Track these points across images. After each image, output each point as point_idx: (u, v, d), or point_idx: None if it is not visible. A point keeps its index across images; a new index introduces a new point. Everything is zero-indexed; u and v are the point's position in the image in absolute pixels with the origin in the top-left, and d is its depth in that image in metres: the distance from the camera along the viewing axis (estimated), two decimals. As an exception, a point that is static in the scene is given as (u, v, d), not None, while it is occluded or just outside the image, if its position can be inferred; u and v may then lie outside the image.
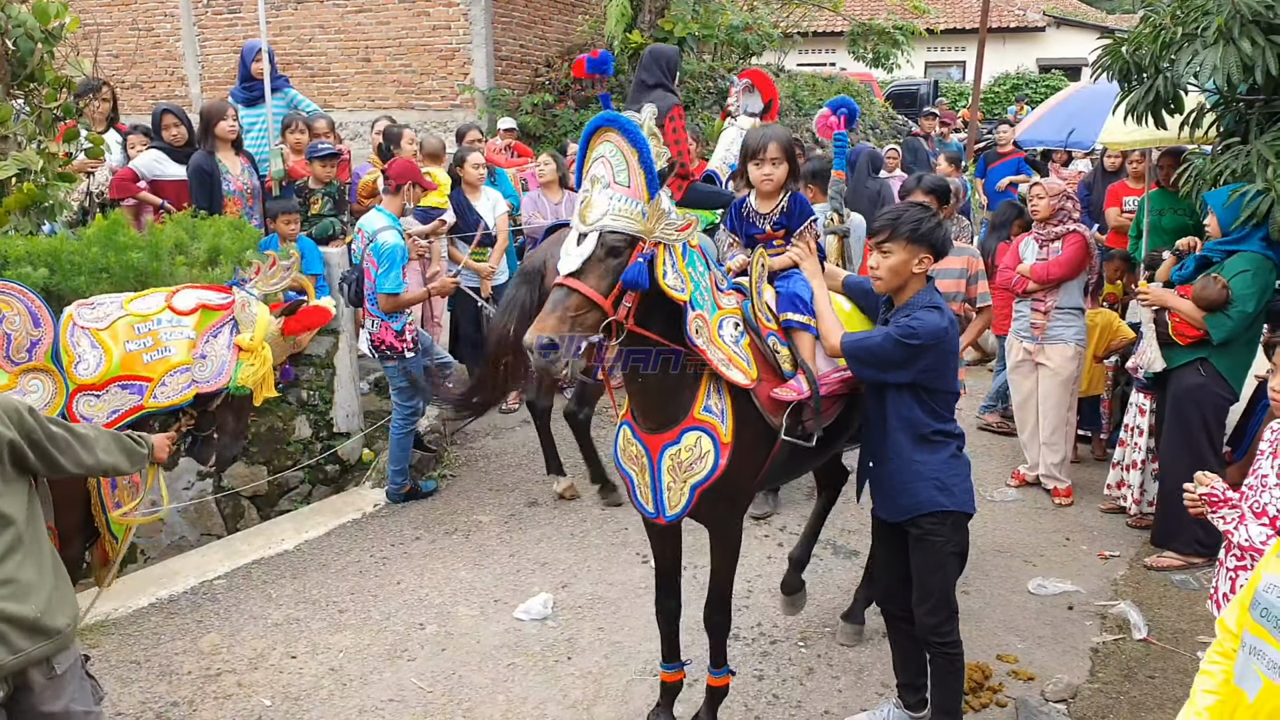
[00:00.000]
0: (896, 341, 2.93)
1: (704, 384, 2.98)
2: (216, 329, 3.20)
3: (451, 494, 5.68)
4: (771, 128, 3.40)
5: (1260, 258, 4.42)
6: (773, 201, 3.36)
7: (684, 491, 3.01)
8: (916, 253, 2.97)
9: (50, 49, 4.76)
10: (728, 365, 2.93)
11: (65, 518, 2.93)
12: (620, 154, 2.66)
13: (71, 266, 4.27)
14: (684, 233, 2.78)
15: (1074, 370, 5.45)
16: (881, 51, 14.35)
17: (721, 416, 2.98)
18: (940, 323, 2.93)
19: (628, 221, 2.64)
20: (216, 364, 3.18)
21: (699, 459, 2.97)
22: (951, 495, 3.05)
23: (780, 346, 3.13)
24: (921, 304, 2.99)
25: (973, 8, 23.50)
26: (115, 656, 3.92)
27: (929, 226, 2.97)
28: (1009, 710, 3.58)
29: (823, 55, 22.88)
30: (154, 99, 11.71)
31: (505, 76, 11.34)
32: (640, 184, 2.65)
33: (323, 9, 11.62)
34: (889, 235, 2.98)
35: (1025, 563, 4.81)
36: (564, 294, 2.62)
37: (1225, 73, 4.19)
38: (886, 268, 3.01)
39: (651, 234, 2.69)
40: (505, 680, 3.79)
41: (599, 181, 2.68)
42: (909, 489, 3.07)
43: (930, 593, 3.10)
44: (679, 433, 2.98)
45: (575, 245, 2.66)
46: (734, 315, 3.06)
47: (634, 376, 2.95)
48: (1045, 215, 5.35)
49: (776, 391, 3.06)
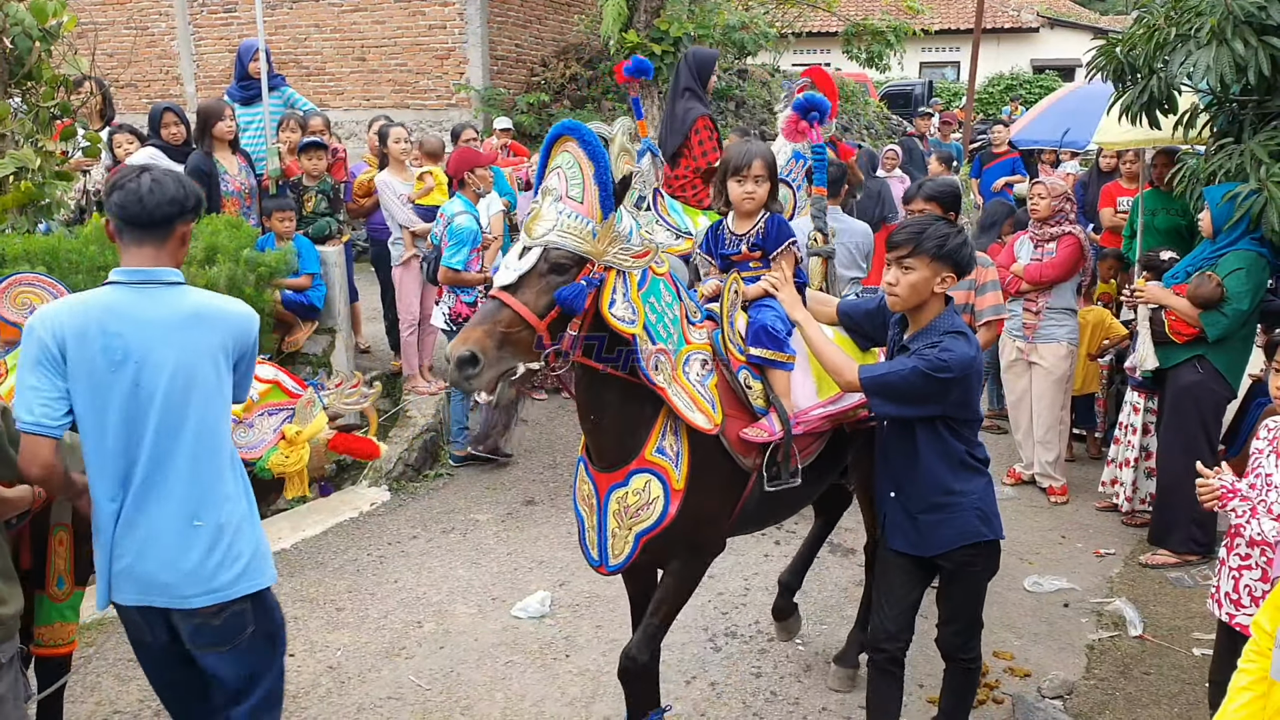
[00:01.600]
0: (926, 375, 2.68)
1: (660, 422, 2.76)
2: (276, 408, 3.22)
3: (449, 493, 5.69)
4: (755, 143, 3.16)
5: (1253, 255, 4.46)
6: (750, 222, 3.12)
7: (628, 540, 2.79)
8: (940, 271, 2.73)
9: (48, 47, 4.76)
10: (691, 408, 2.71)
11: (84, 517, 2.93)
12: (576, 166, 2.50)
13: (69, 265, 4.29)
14: (640, 260, 2.58)
15: (1066, 369, 5.48)
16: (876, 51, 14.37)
17: (675, 459, 2.76)
18: (970, 351, 2.71)
19: (575, 240, 2.46)
20: (257, 438, 3.19)
21: (646, 505, 2.75)
22: (990, 524, 2.86)
23: (752, 381, 2.91)
24: (945, 329, 2.76)
25: (967, 8, 23.58)
26: (114, 654, 3.91)
27: (955, 244, 2.74)
28: (1006, 707, 3.60)
29: (817, 56, 22.93)
30: (149, 98, 11.70)
31: (501, 76, 11.35)
32: (593, 201, 2.48)
33: (318, 8, 11.62)
34: (911, 250, 2.72)
35: (1021, 560, 4.84)
36: (495, 307, 2.45)
37: (1218, 73, 4.22)
38: (907, 284, 2.75)
39: (601, 256, 2.50)
40: (503, 678, 3.80)
41: (550, 194, 2.52)
42: (949, 521, 2.83)
43: (961, 616, 2.96)
44: (627, 474, 2.77)
45: (516, 258, 2.49)
46: (703, 351, 2.83)
47: (588, 410, 2.78)
48: (1045, 215, 5.37)
49: (746, 432, 2.85)
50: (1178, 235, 5.89)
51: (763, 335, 2.93)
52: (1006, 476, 5.87)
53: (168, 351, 2.33)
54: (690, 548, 2.90)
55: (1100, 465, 5.71)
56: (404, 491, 5.67)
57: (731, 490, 2.92)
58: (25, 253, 4.33)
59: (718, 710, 3.58)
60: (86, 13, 11.69)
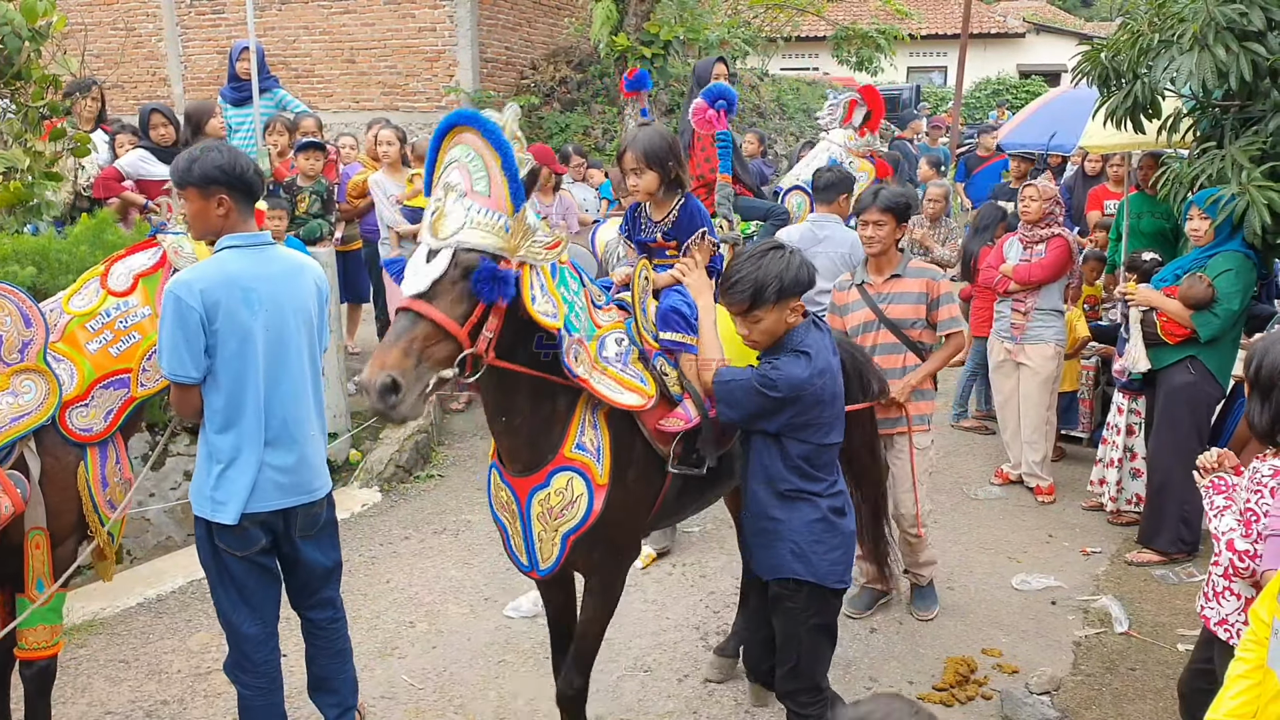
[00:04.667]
0: (755, 390, 2.61)
1: (577, 416, 2.66)
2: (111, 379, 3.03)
3: (440, 493, 5.69)
4: (640, 132, 3.04)
5: (1241, 256, 4.54)
6: (665, 209, 3.02)
7: (555, 542, 2.69)
8: (786, 305, 2.65)
9: (37, 47, 4.75)
10: (619, 391, 2.62)
11: (59, 520, 2.93)
12: (479, 159, 2.32)
13: (59, 265, 4.27)
14: (552, 251, 2.45)
15: (1053, 370, 5.54)
16: (864, 55, 14.47)
17: (597, 454, 2.66)
18: (799, 374, 2.59)
19: (488, 236, 2.30)
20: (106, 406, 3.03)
21: (570, 504, 2.65)
22: (808, 564, 2.69)
23: (669, 368, 2.80)
24: (790, 346, 2.67)
25: (954, 14, 23.75)
26: (104, 656, 3.91)
27: (791, 276, 2.62)
28: (994, 703, 3.64)
29: (806, 60, 23.06)
30: (136, 99, 11.64)
31: (491, 79, 11.36)
32: (503, 194, 2.31)
33: (307, 10, 11.61)
34: (749, 305, 2.63)
35: (1009, 559, 4.89)
36: (410, 321, 2.27)
37: (1200, 78, 4.28)
38: (761, 331, 2.67)
39: (516, 252, 2.35)
40: (496, 677, 3.81)
41: (454, 190, 2.31)
42: (765, 547, 2.76)
43: (788, 658, 2.82)
44: (547, 474, 2.65)
45: (424, 263, 2.30)
46: (616, 330, 2.74)
47: (497, 413, 2.63)
48: (1035, 217, 5.43)
49: (663, 422, 2.75)
50: (1162, 238, 5.96)
51: (671, 317, 2.81)
52: (995, 477, 5.92)
53: (284, 298, 2.83)
54: (612, 549, 2.81)
55: (1087, 465, 5.77)
56: (395, 492, 5.68)
57: (652, 481, 2.84)
58: (15, 253, 4.31)
59: (710, 708, 3.60)
60: (73, 13, 11.62)
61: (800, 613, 2.75)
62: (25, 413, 2.82)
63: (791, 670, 2.81)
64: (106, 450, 2.99)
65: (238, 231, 2.83)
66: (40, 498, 2.85)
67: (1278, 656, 1.85)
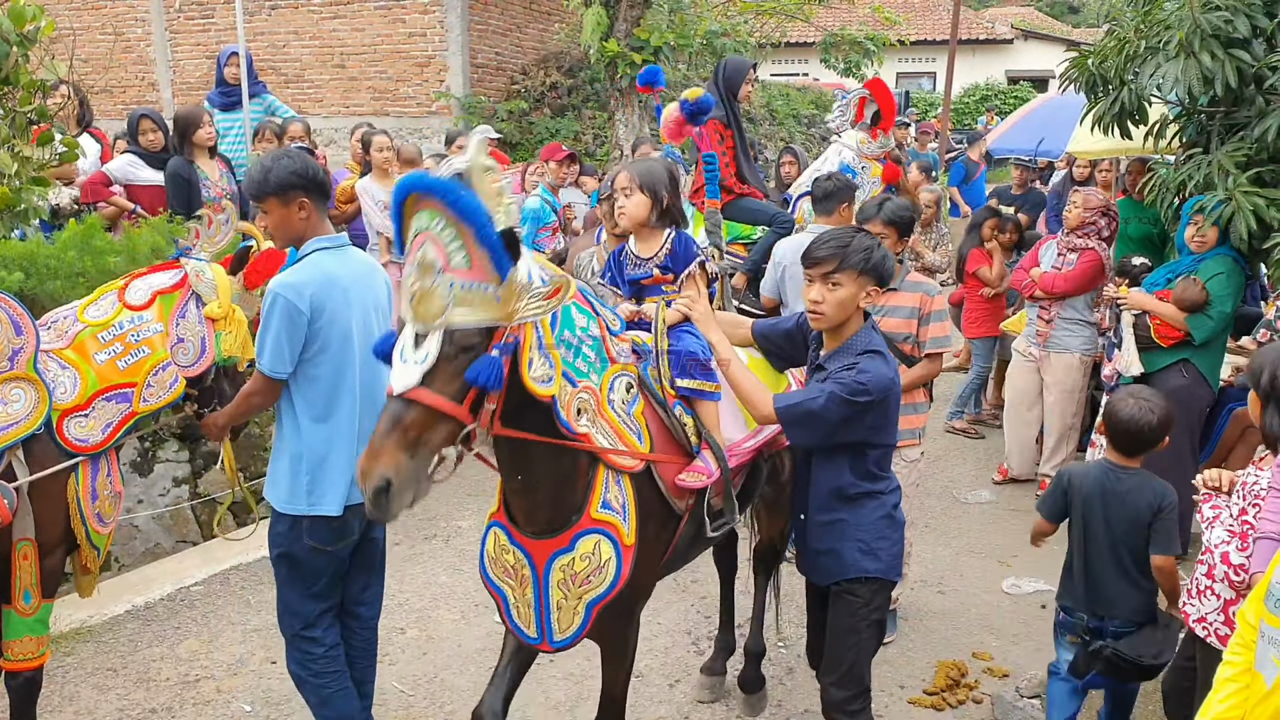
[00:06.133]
0: (844, 400, 2.52)
1: (601, 471, 2.45)
2: (182, 310, 3.11)
3: (430, 499, 5.61)
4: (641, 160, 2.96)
5: (1230, 260, 4.59)
6: (654, 243, 2.88)
7: (578, 611, 2.47)
8: (865, 285, 2.60)
9: (25, 52, 4.72)
10: (616, 444, 2.46)
11: (47, 531, 2.90)
12: (450, 228, 2.05)
13: (48, 270, 4.25)
14: (553, 300, 2.20)
15: (1076, 380, 5.49)
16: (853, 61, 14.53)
17: (624, 512, 2.47)
18: (887, 372, 2.58)
19: (479, 313, 2.08)
20: (195, 344, 3.12)
21: (597, 570, 2.43)
22: (876, 559, 2.71)
23: (685, 416, 2.67)
24: (862, 348, 2.61)
25: (943, 20, 23.87)
26: (92, 664, 3.88)
27: (879, 256, 2.62)
28: (985, 706, 3.65)
29: (795, 65, 23.13)
30: (125, 104, 11.60)
31: (481, 84, 11.36)
32: (485, 264, 2.06)
33: (297, 15, 11.58)
34: (837, 265, 2.57)
35: (1000, 563, 4.90)
36: (402, 407, 2.06)
37: (1186, 85, 4.33)
38: (834, 302, 2.59)
39: (512, 317, 2.13)
40: (487, 683, 3.79)
41: (430, 268, 2.06)
42: (833, 552, 2.74)
43: (840, 662, 2.77)
44: (572, 537, 2.43)
45: (413, 348, 2.08)
46: (628, 373, 2.58)
47: (512, 470, 2.42)
48: (1074, 224, 5.41)
49: (683, 478, 2.62)
50: (1149, 243, 6.01)
51: (689, 364, 2.69)
52: (997, 474, 5.96)
53: (368, 297, 2.96)
54: (625, 611, 2.61)
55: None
56: (385, 498, 5.65)
57: (665, 536, 2.68)
58: (2, 258, 4.29)
59: (701, 713, 3.60)
60: (62, 18, 11.54)
61: (863, 608, 2.76)
62: (14, 421, 2.80)
63: (846, 675, 2.78)
64: (98, 462, 2.96)
65: (319, 234, 2.93)
66: (29, 508, 2.83)
67: (1265, 659, 1.86)
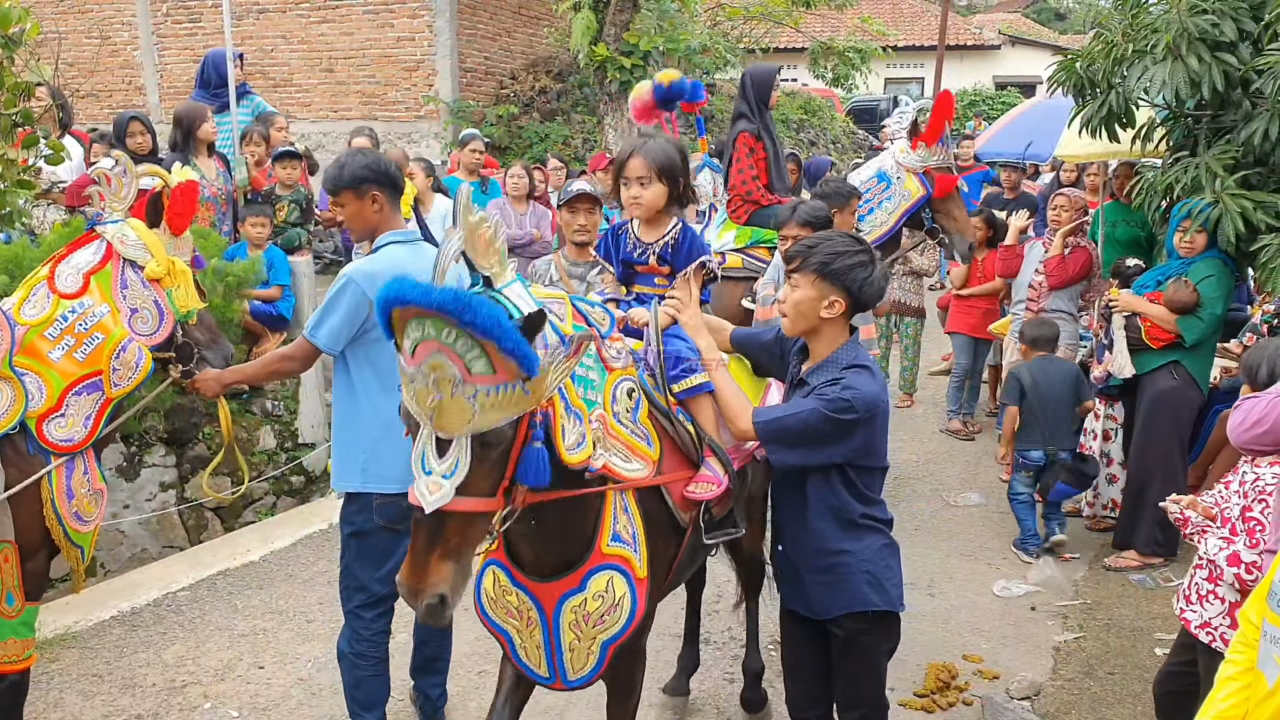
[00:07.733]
0: (827, 417, 2.39)
1: (609, 501, 2.31)
2: (121, 281, 2.93)
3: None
4: (647, 141, 2.78)
5: (1219, 262, 4.63)
6: (659, 230, 2.78)
7: (592, 651, 2.34)
8: (826, 293, 2.44)
9: (10, 54, 4.68)
10: (628, 458, 2.32)
11: (27, 534, 2.85)
12: (465, 339, 1.88)
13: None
14: (577, 356, 2.07)
15: None
16: (841, 72, 14.61)
17: (634, 542, 2.33)
18: (874, 388, 2.43)
19: (509, 411, 1.95)
20: (151, 310, 2.96)
21: (611, 608, 2.29)
22: (883, 592, 2.55)
23: (686, 423, 2.57)
24: (847, 362, 2.47)
25: (931, 26, 24.03)
26: (77, 670, 3.84)
27: (846, 264, 2.42)
28: (975, 709, 3.65)
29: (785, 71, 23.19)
30: (111, 108, 11.55)
31: (470, 88, 11.36)
32: (511, 367, 1.91)
33: (285, 19, 11.56)
34: (799, 264, 2.47)
35: (989, 566, 4.91)
36: (437, 522, 1.94)
37: (1174, 88, 4.35)
38: (791, 302, 2.49)
39: (543, 398, 2.01)
40: (477, 688, 3.78)
41: (449, 381, 1.88)
42: (836, 584, 2.56)
43: (858, 699, 2.66)
44: (583, 577, 2.29)
45: (436, 458, 1.93)
46: (628, 377, 2.43)
47: (525, 517, 2.21)
48: (1072, 230, 5.66)
49: (692, 490, 2.49)
50: (1137, 246, 6.04)
51: (680, 361, 2.61)
52: (1004, 473, 5.95)
53: None
54: (637, 650, 2.49)
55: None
56: (374, 503, 5.62)
57: (669, 553, 2.53)
58: (-13, 261, 4.26)
59: (692, 717, 3.59)
60: (47, 21, 11.49)
61: (879, 643, 2.63)
62: None
63: (870, 710, 2.67)
64: (74, 461, 2.87)
65: (392, 227, 3.01)
66: (8, 510, 2.79)
67: (1267, 658, 1.86)
